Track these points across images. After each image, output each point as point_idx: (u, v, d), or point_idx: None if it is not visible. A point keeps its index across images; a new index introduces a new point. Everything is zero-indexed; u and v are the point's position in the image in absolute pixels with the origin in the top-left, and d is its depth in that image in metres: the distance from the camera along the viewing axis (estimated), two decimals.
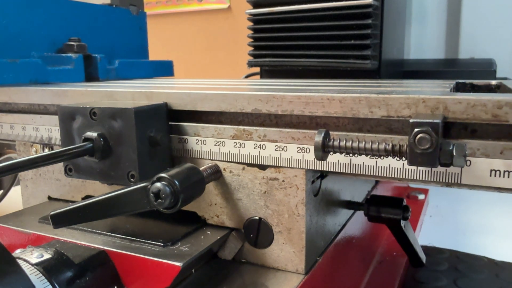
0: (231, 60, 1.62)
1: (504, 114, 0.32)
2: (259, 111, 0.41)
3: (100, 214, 0.39)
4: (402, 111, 0.35)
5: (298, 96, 0.39)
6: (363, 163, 0.37)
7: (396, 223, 0.53)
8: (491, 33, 1.22)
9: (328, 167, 0.39)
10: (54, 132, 0.53)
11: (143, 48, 0.95)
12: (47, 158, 0.38)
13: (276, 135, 0.41)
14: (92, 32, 0.81)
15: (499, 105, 0.32)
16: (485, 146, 0.33)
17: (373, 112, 0.36)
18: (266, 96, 0.41)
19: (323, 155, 0.35)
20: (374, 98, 0.36)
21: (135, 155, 0.40)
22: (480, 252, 0.75)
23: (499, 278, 0.66)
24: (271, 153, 0.41)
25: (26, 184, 0.58)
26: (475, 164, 0.34)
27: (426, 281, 0.65)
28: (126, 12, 0.90)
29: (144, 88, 0.50)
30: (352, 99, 0.37)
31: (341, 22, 0.80)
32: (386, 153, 0.33)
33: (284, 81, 0.68)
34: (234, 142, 0.43)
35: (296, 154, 0.40)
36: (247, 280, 0.42)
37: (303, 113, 0.39)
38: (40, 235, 0.44)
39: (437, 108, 0.34)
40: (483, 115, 0.33)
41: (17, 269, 0.30)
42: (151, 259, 0.38)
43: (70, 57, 0.72)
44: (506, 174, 0.33)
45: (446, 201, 1.06)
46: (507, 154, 0.32)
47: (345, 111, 0.37)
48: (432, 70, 1.11)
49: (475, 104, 0.33)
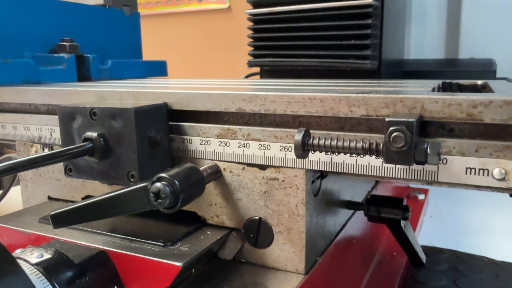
0: (231, 60, 1.62)
1: (479, 113, 0.33)
2: (243, 110, 0.42)
3: (100, 214, 0.39)
4: (381, 110, 0.36)
5: (280, 95, 0.40)
6: (343, 161, 0.38)
7: (396, 223, 0.53)
8: (491, 33, 1.22)
9: (311, 165, 0.40)
10: (44, 131, 0.54)
11: (136, 48, 0.96)
12: (47, 158, 0.38)
13: (259, 134, 0.41)
14: (85, 32, 0.82)
15: (473, 104, 0.33)
16: (460, 144, 0.34)
17: (353, 111, 0.37)
18: (249, 96, 0.41)
19: (302, 154, 0.36)
20: (354, 98, 0.37)
21: (135, 155, 0.40)
22: (480, 252, 0.75)
23: (499, 278, 0.66)
24: (255, 151, 0.42)
25: (26, 184, 0.58)
26: (451, 162, 0.34)
27: (426, 281, 0.65)
28: (120, 13, 0.91)
29: (132, 88, 0.51)
30: (332, 98, 0.38)
31: (341, 22, 0.80)
32: (364, 151, 0.34)
33: (283, 81, 0.68)
34: (219, 141, 0.43)
35: (279, 152, 0.41)
36: (247, 280, 0.42)
37: (285, 112, 0.40)
38: (40, 235, 0.44)
39: (414, 108, 0.35)
40: (459, 114, 0.33)
41: (17, 269, 0.30)
42: (151, 259, 0.38)
43: (62, 57, 0.72)
44: (481, 172, 0.34)
45: (446, 201, 1.06)
46: (482, 152, 0.33)
47: (326, 110, 0.38)
48: (432, 70, 1.11)
49: (451, 104, 0.33)
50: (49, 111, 0.55)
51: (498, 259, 0.72)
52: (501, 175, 0.33)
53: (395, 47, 0.98)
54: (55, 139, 0.53)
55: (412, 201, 0.97)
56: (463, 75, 1.05)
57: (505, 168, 0.33)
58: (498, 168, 0.33)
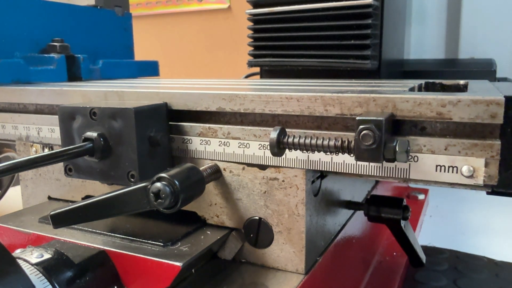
0: (231, 60, 1.62)
1: (447, 112, 0.34)
2: (223, 109, 0.43)
3: (100, 214, 0.39)
4: (354, 109, 0.37)
5: (259, 95, 0.41)
6: (319, 159, 0.39)
7: (396, 223, 0.53)
8: (491, 33, 1.22)
9: (281, 163, 0.41)
10: (32, 130, 0.55)
11: (128, 49, 0.96)
12: (47, 158, 0.38)
13: (239, 132, 0.42)
14: (77, 33, 0.83)
15: (442, 103, 0.34)
16: (430, 142, 0.35)
17: (328, 110, 0.38)
18: (229, 95, 0.42)
19: (278, 152, 0.36)
20: (329, 97, 0.38)
21: (135, 155, 0.40)
22: (480, 252, 0.75)
23: (499, 278, 0.66)
24: (235, 150, 0.42)
25: (26, 184, 0.58)
26: (422, 160, 0.35)
27: (426, 281, 0.65)
28: (111, 13, 0.91)
29: (117, 87, 0.51)
30: (308, 98, 0.39)
31: (341, 22, 0.80)
32: (336, 149, 0.35)
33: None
34: (200, 139, 0.44)
35: (258, 151, 0.41)
36: (247, 280, 0.42)
37: (263, 111, 0.41)
38: (40, 235, 0.44)
39: (386, 107, 0.36)
40: (429, 113, 0.34)
41: (17, 269, 0.30)
42: (151, 259, 0.38)
43: (52, 58, 0.73)
44: (451, 169, 0.35)
45: (446, 201, 1.06)
46: (451, 150, 0.34)
47: (302, 109, 0.39)
48: (432, 70, 1.11)
49: (421, 103, 0.34)
50: (37, 110, 0.57)
51: (498, 259, 0.72)
52: (469, 172, 0.34)
53: (395, 47, 0.98)
54: (42, 138, 0.54)
55: (412, 201, 0.97)
56: (463, 75, 1.05)
57: (473, 165, 0.34)
58: (467, 165, 0.34)
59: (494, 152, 0.33)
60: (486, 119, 0.33)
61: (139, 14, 1.74)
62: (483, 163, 0.33)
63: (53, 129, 0.53)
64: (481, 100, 0.33)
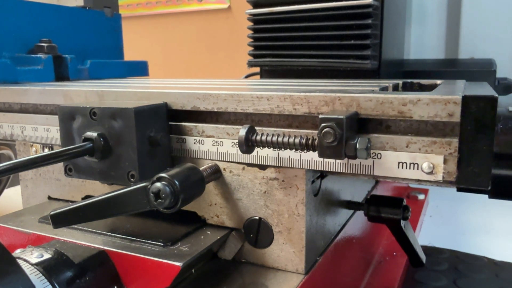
0: (231, 60, 1.62)
1: (408, 110, 0.35)
2: (197, 108, 0.44)
3: (100, 214, 0.39)
4: (321, 108, 0.38)
5: (231, 94, 0.42)
6: (289, 156, 0.40)
7: (396, 223, 0.53)
8: (491, 33, 1.22)
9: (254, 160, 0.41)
10: (16, 129, 0.56)
11: (118, 49, 0.97)
12: (47, 158, 0.38)
13: (213, 131, 0.43)
14: (65, 33, 0.84)
15: (403, 102, 0.35)
16: (392, 140, 0.36)
17: (297, 109, 0.39)
18: (203, 95, 0.43)
19: (247, 149, 0.37)
20: (297, 96, 0.39)
21: (135, 155, 0.40)
22: (480, 252, 0.75)
23: (499, 278, 0.66)
24: (209, 147, 0.43)
25: (26, 184, 0.58)
26: (385, 157, 0.36)
27: (426, 281, 0.65)
28: (100, 14, 0.92)
29: (98, 87, 0.52)
30: (278, 97, 0.40)
31: (341, 22, 0.80)
32: (301, 146, 0.36)
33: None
34: (177, 137, 0.45)
35: (231, 148, 0.42)
36: (247, 280, 0.42)
37: (236, 110, 0.42)
38: (40, 235, 0.44)
39: (351, 106, 0.37)
40: (391, 112, 0.35)
41: (17, 269, 0.30)
42: (151, 259, 0.38)
43: (39, 58, 0.74)
44: (412, 166, 0.36)
45: (446, 201, 1.06)
46: (412, 147, 0.35)
47: (272, 108, 0.40)
48: (432, 70, 1.11)
49: (383, 102, 0.36)
50: (21, 109, 0.57)
51: (498, 259, 0.72)
52: (429, 168, 0.35)
53: (395, 47, 0.98)
54: (26, 136, 0.55)
55: (412, 201, 0.97)
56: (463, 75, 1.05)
57: (433, 162, 0.35)
58: (427, 162, 0.35)
59: (452, 150, 0.34)
60: (445, 117, 0.34)
61: (139, 14, 1.74)
62: (442, 160, 0.35)
63: (36, 128, 0.54)
64: (439, 99, 0.34)
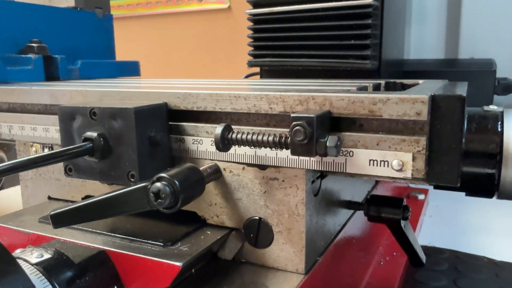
0: (231, 60, 1.62)
1: (378, 109, 0.36)
2: (178, 107, 0.45)
3: (100, 214, 0.39)
4: (296, 107, 0.39)
5: (210, 94, 0.43)
6: (265, 154, 0.40)
7: (396, 223, 0.53)
8: (491, 33, 1.22)
9: (238, 159, 0.42)
10: (3, 128, 0.57)
11: (109, 49, 0.98)
12: (47, 158, 0.38)
13: (192, 129, 0.44)
14: (56, 34, 0.84)
15: (373, 101, 0.36)
16: (364, 138, 0.37)
17: (273, 108, 0.40)
18: (183, 94, 0.44)
19: (223, 147, 0.38)
20: (273, 96, 0.40)
21: (135, 155, 0.40)
22: (480, 252, 0.75)
23: (499, 278, 0.66)
24: (189, 146, 0.44)
25: (26, 184, 0.58)
26: (357, 155, 0.37)
27: (426, 281, 0.65)
28: (91, 15, 0.93)
29: (83, 87, 0.53)
30: (254, 96, 0.41)
31: (341, 22, 0.80)
32: (275, 144, 0.37)
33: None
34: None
35: (210, 147, 0.43)
36: (247, 280, 0.42)
37: (214, 109, 0.43)
38: (40, 235, 0.44)
39: (324, 105, 0.38)
40: (362, 111, 0.36)
41: (17, 269, 0.30)
42: (151, 259, 0.38)
43: (29, 58, 0.75)
44: (382, 163, 0.37)
45: (446, 201, 1.06)
46: (382, 145, 0.36)
47: (249, 107, 0.41)
48: (432, 70, 1.11)
49: (355, 101, 0.37)
50: (10, 109, 0.58)
51: (498, 259, 0.72)
52: (399, 166, 0.36)
53: (395, 47, 0.98)
54: (14, 135, 0.56)
55: (412, 201, 0.97)
56: (463, 75, 1.05)
57: (402, 159, 0.36)
58: (396, 160, 0.36)
59: (420, 147, 0.35)
60: (413, 116, 0.34)
61: (139, 14, 1.74)
62: (410, 157, 0.36)
63: (23, 127, 0.55)
64: (408, 98, 0.34)
